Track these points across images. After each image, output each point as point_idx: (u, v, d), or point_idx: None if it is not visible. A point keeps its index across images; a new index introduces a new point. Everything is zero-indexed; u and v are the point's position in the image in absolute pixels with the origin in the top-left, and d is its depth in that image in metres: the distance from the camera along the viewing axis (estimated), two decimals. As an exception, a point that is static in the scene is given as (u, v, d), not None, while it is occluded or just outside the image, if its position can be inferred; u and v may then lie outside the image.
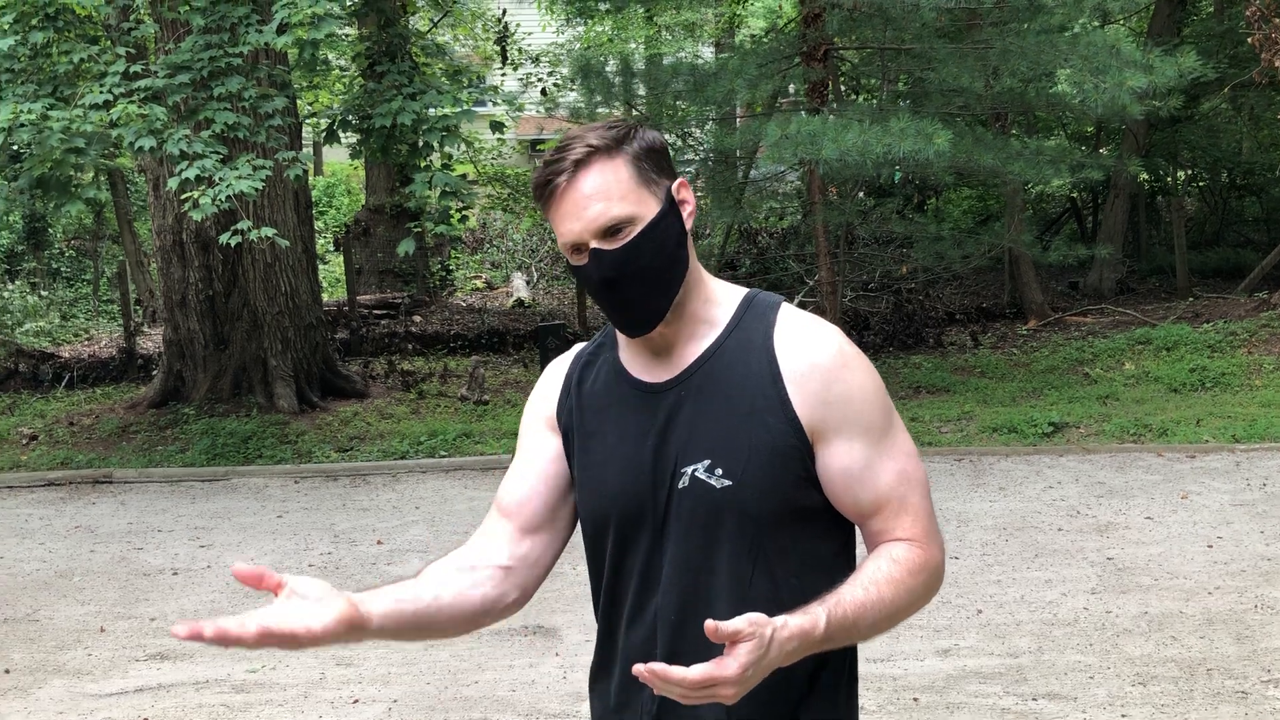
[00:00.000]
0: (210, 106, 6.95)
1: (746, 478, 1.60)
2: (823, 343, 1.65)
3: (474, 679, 4.82)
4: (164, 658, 5.17)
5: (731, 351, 1.65)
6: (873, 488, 1.63)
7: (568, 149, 1.60)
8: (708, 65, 10.02)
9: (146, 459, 8.83)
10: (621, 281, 1.59)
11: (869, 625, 1.57)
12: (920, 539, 1.64)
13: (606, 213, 1.58)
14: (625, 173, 1.59)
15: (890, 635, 5.03)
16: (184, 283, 10.18)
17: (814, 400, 1.61)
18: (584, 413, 1.73)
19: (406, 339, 12.81)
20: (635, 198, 1.59)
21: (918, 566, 1.62)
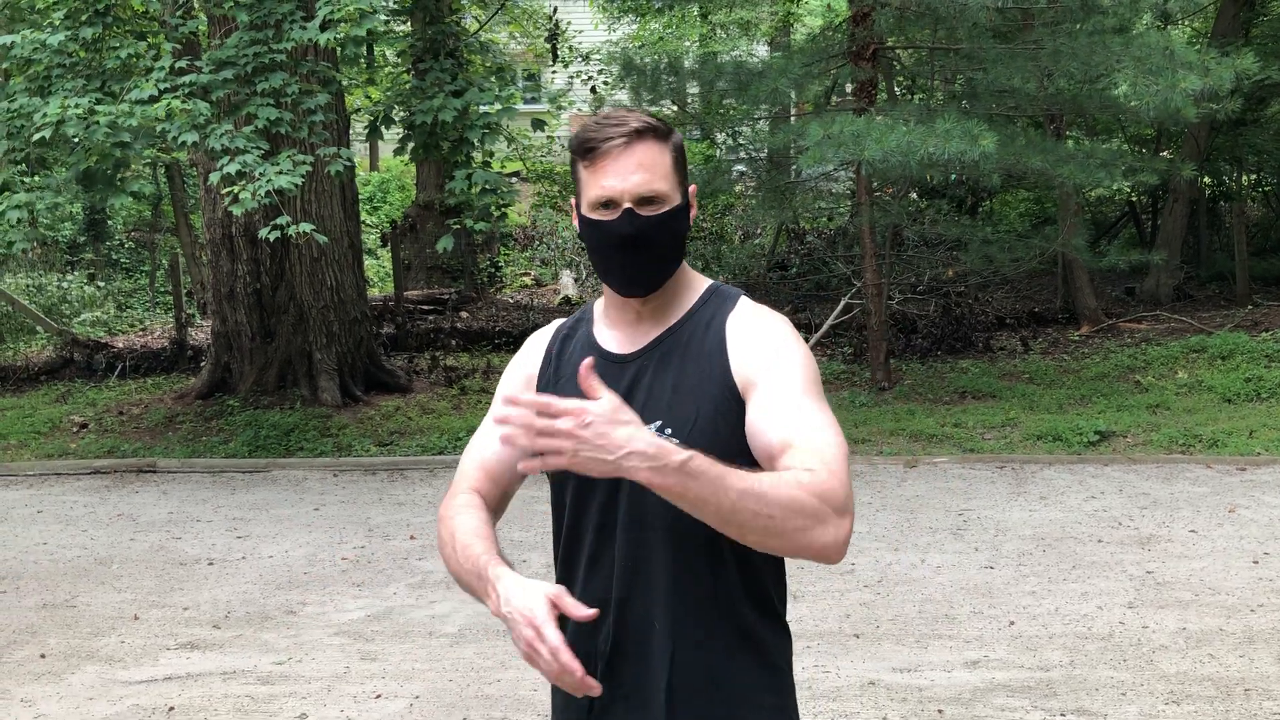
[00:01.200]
0: (253, 102, 7.03)
1: (692, 437, 1.73)
2: (767, 324, 1.84)
3: (497, 677, 4.82)
4: (194, 647, 5.23)
5: (690, 330, 1.86)
6: (783, 425, 1.71)
7: (625, 119, 1.80)
8: (754, 64, 9.94)
9: (190, 449, 8.96)
10: (640, 243, 1.79)
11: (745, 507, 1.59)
12: (832, 475, 1.66)
13: (650, 184, 1.79)
14: (668, 159, 1.82)
15: (918, 645, 4.98)
16: (232, 276, 10.32)
17: (746, 362, 1.79)
18: (559, 379, 1.92)
19: (451, 335, 12.88)
20: (670, 183, 1.82)
21: (809, 486, 1.62)
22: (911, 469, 8.14)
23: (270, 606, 5.74)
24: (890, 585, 5.79)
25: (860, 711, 4.45)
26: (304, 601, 5.80)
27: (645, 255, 1.81)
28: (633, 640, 1.82)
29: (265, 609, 5.70)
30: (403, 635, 5.32)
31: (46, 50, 6.80)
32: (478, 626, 5.37)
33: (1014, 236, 12.31)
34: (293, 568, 6.32)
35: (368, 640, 5.27)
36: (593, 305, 2.00)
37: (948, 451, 8.57)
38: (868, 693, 4.59)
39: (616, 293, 1.88)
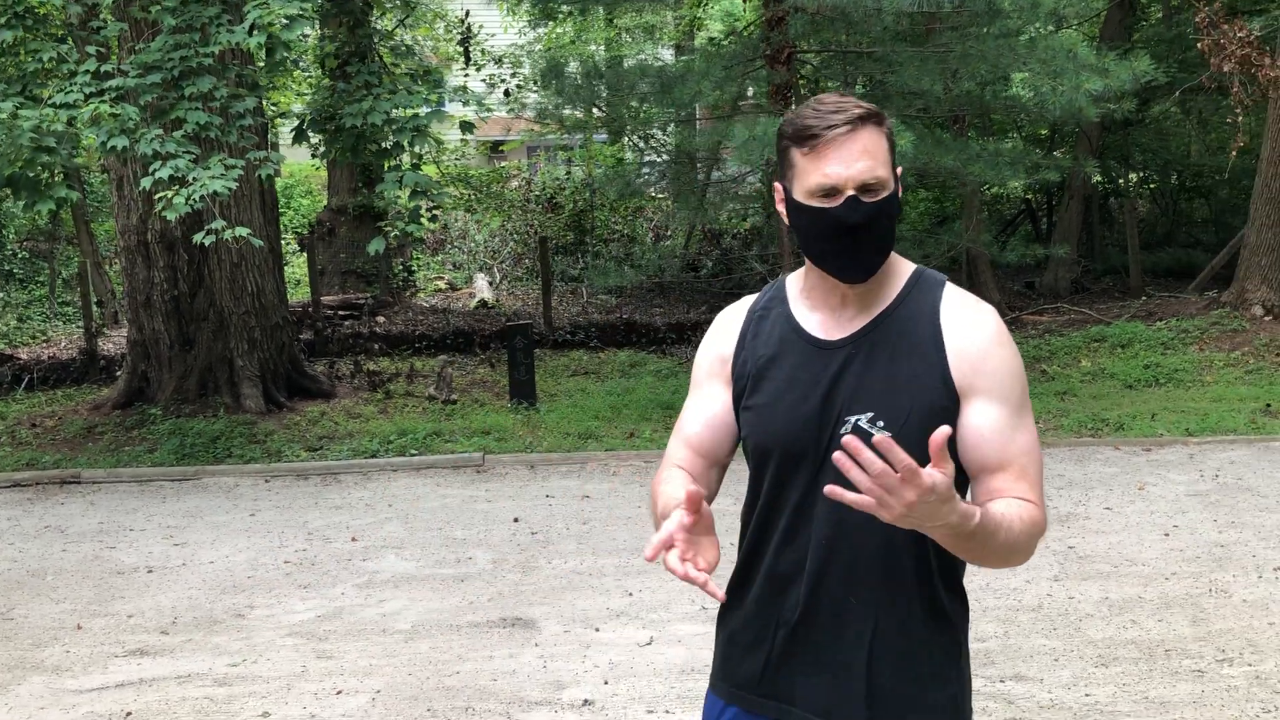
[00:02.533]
0: (181, 106, 6.95)
1: (905, 431, 1.77)
2: (982, 319, 1.86)
3: (455, 670, 4.89)
4: (144, 653, 5.19)
5: (902, 319, 1.87)
6: (1001, 448, 1.81)
7: (846, 106, 1.81)
8: (673, 68, 10.12)
9: (114, 459, 8.79)
10: (862, 230, 1.80)
11: (999, 543, 1.74)
12: (1036, 503, 1.82)
13: (872, 170, 1.80)
14: (885, 145, 1.83)
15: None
16: (149, 283, 10.13)
17: (968, 368, 1.83)
18: (758, 360, 1.94)
19: (372, 339, 12.81)
20: (888, 168, 1.83)
21: (1029, 520, 1.79)
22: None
23: (218, 610, 5.71)
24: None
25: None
26: (251, 605, 5.78)
27: (867, 241, 1.82)
28: (826, 613, 1.88)
29: (213, 613, 5.67)
30: (356, 634, 5.35)
31: (-37, 53, 6.64)
32: (430, 622, 5.44)
33: (922, 233, 12.73)
34: (235, 572, 6.28)
35: (321, 639, 5.29)
36: (784, 282, 2.01)
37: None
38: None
39: (836, 279, 1.86)
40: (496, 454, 8.68)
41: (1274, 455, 8.00)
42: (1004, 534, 1.73)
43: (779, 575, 1.91)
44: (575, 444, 8.95)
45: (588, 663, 4.91)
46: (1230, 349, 10.95)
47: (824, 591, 1.88)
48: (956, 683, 1.92)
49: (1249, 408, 9.19)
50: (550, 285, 14.02)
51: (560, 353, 12.79)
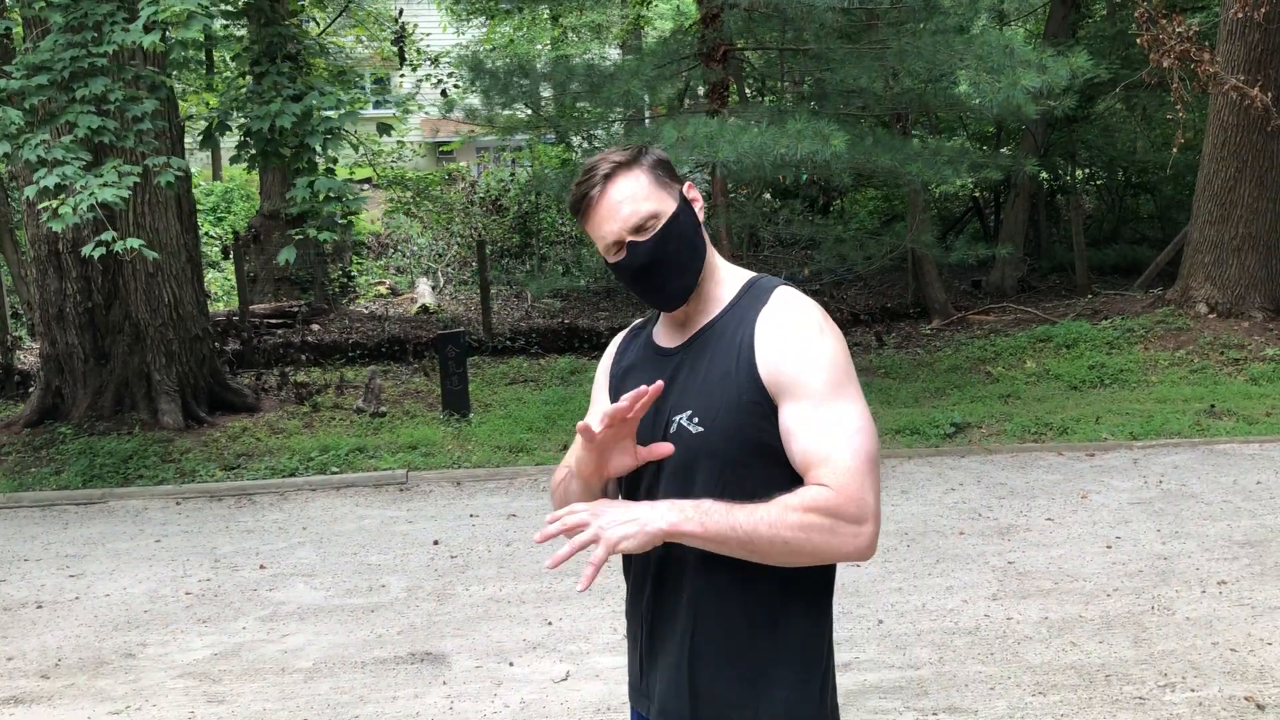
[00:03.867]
0: (72, 109, 6.54)
1: (715, 426, 1.87)
2: (792, 314, 1.89)
3: (355, 713, 4.56)
4: (18, 701, 4.80)
5: (725, 323, 1.94)
6: (808, 441, 1.81)
7: (594, 169, 1.91)
8: (606, 67, 9.82)
9: (16, 482, 8.34)
10: (654, 266, 1.90)
11: (767, 542, 1.76)
12: (843, 492, 1.77)
13: (636, 211, 1.89)
14: (645, 179, 1.92)
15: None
16: (61, 294, 9.67)
17: (773, 366, 1.85)
18: (623, 373, 2.10)
19: (302, 349, 12.40)
20: (657, 198, 1.91)
21: (813, 503, 1.76)
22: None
23: (106, 650, 5.33)
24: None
25: None
26: (144, 643, 5.40)
27: (665, 273, 1.91)
28: (665, 612, 1.97)
29: (101, 653, 5.29)
30: (253, 673, 5.00)
31: None
32: (334, 659, 5.10)
33: (866, 234, 12.52)
34: (132, 606, 5.90)
35: (215, 681, 4.93)
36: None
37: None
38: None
39: (663, 312, 2.02)
40: (421, 470, 8.33)
41: (1217, 459, 7.84)
42: (768, 534, 1.74)
43: (636, 576, 2.02)
44: (505, 458, 8.62)
45: (498, 702, 4.60)
46: (1175, 348, 10.83)
47: (663, 592, 1.95)
48: (790, 686, 1.89)
49: (1193, 409, 9.04)
50: (489, 290, 13.67)
51: (499, 360, 12.46)
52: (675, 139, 7.56)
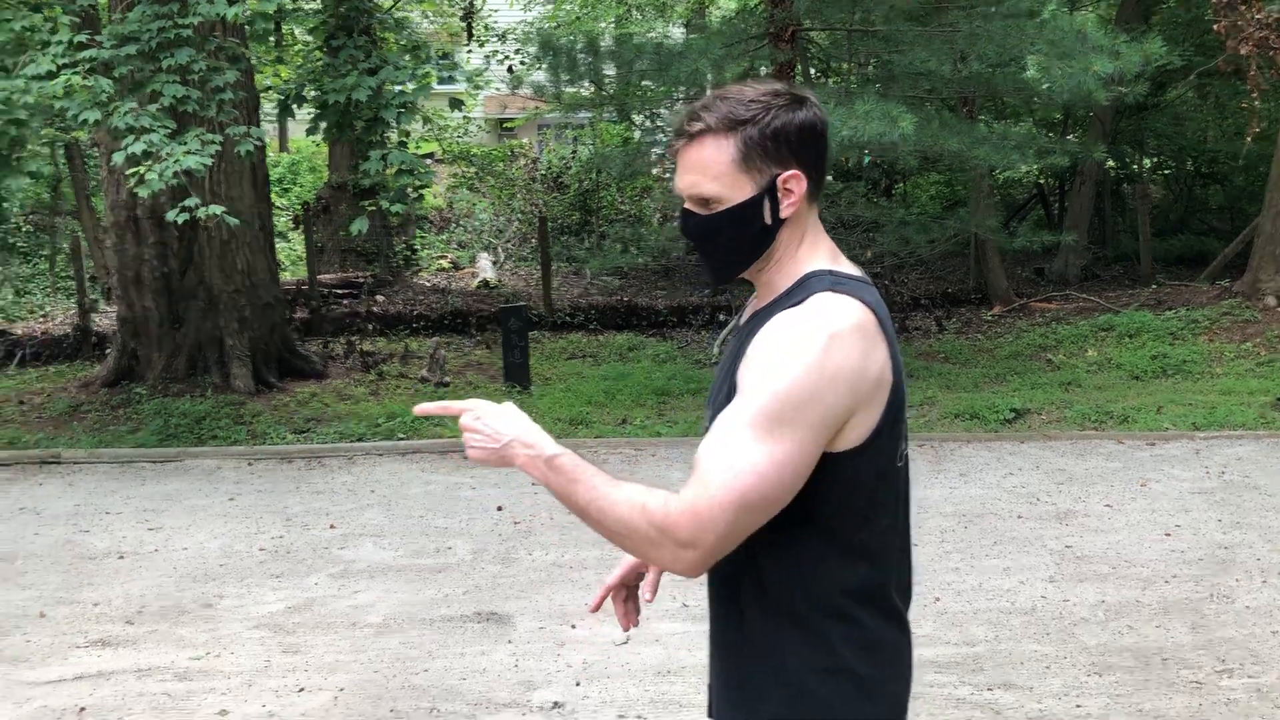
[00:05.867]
0: (158, 79, 6.74)
1: (713, 409, 1.83)
2: (787, 326, 1.71)
3: (424, 667, 4.73)
4: (106, 644, 5.03)
5: (767, 313, 1.79)
6: (705, 443, 1.71)
7: (694, 117, 1.77)
8: (674, 45, 9.87)
9: (97, 439, 8.64)
10: (700, 244, 1.83)
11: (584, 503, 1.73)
12: (684, 508, 1.66)
13: (696, 187, 1.77)
14: (729, 154, 1.74)
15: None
16: (138, 260, 9.96)
17: (745, 363, 1.75)
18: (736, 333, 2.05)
19: (367, 319, 12.64)
20: (729, 180, 1.75)
21: (656, 516, 1.67)
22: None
23: (185, 600, 5.55)
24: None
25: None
26: (221, 594, 5.62)
27: (708, 253, 1.84)
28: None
29: (180, 602, 5.52)
30: (325, 627, 5.19)
31: (-66, 22, 6.46)
32: (403, 616, 5.27)
33: (929, 218, 12.48)
34: (208, 560, 6.13)
35: (289, 633, 5.13)
36: None
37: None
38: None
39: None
40: (485, 439, 8.50)
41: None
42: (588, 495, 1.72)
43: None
44: (566, 430, 8.76)
45: (560, 662, 4.74)
46: (1241, 340, 10.69)
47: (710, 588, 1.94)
48: (779, 704, 1.78)
49: (1259, 401, 8.95)
50: (550, 266, 13.81)
51: (559, 335, 12.61)
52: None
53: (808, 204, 1.80)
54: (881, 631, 1.80)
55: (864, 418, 1.70)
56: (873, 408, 1.71)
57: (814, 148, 1.77)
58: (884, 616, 1.80)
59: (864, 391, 1.69)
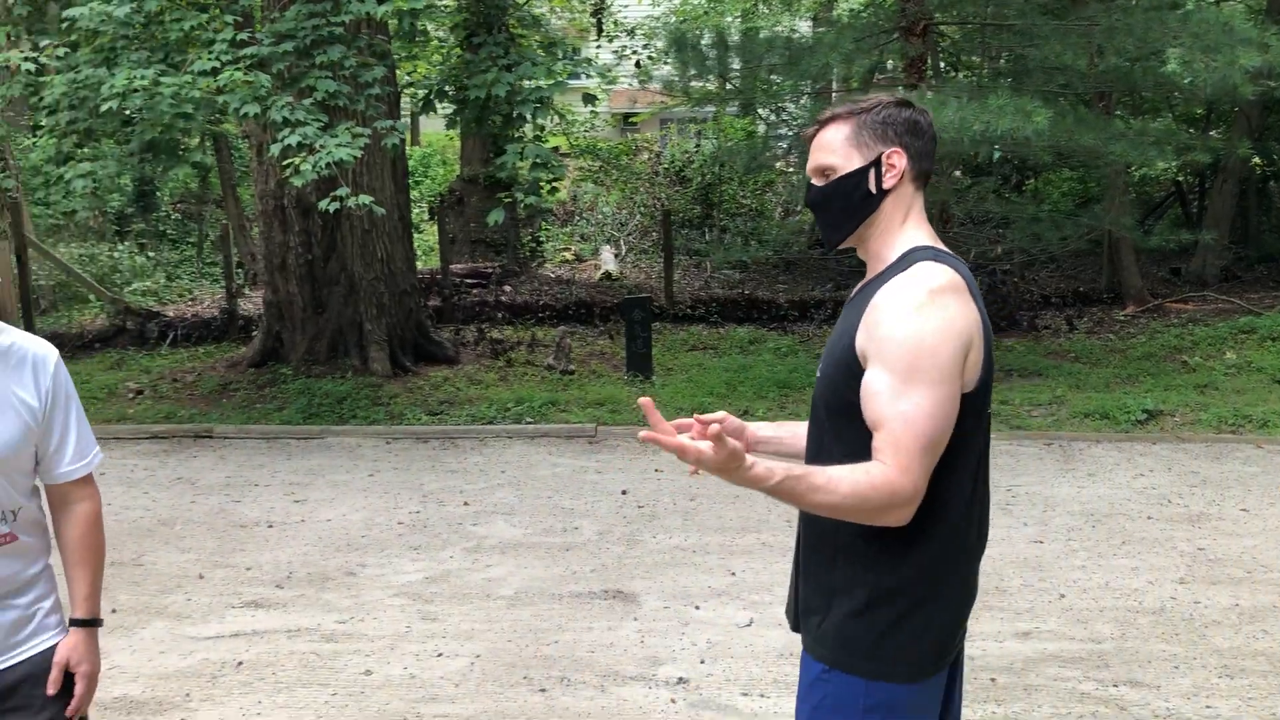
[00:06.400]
0: (312, 75, 7.11)
1: (824, 375, 2.11)
2: (899, 289, 1.99)
3: (554, 639, 4.93)
4: (258, 605, 5.37)
5: (875, 283, 2.08)
6: (876, 412, 1.96)
7: (828, 112, 2.15)
8: (803, 39, 9.91)
9: (245, 416, 9.13)
10: (817, 209, 2.16)
11: (817, 503, 1.94)
12: (895, 468, 1.92)
13: (818, 160, 2.14)
14: (846, 132, 2.10)
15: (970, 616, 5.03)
16: (284, 247, 10.45)
17: (866, 333, 2.01)
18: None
19: (496, 308, 13.00)
20: (843, 153, 2.10)
21: (872, 483, 1.92)
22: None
23: (330, 568, 5.88)
24: (940, 557, 5.84)
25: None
26: (363, 563, 5.93)
27: (823, 218, 2.15)
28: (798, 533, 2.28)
29: (325, 570, 5.84)
30: (460, 597, 5.44)
31: (112, 22, 6.93)
32: (533, 590, 5.49)
33: (1061, 215, 12.23)
34: (350, 531, 6.46)
35: (427, 601, 5.39)
36: None
37: (994, 428, 8.57)
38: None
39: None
40: (609, 425, 8.72)
41: None
42: (817, 498, 1.91)
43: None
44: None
45: (685, 640, 4.89)
46: (1394, 345, 10.23)
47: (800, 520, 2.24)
48: (826, 614, 2.11)
49: None
50: (673, 259, 13.97)
51: (680, 327, 12.76)
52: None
53: (913, 188, 2.12)
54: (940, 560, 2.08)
55: (971, 364, 1.98)
56: (973, 356, 1.98)
57: (918, 138, 2.11)
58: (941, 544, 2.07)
59: (968, 337, 1.96)
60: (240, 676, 4.62)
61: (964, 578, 2.12)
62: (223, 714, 4.30)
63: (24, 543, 2.30)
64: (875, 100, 2.11)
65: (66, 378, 2.37)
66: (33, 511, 2.33)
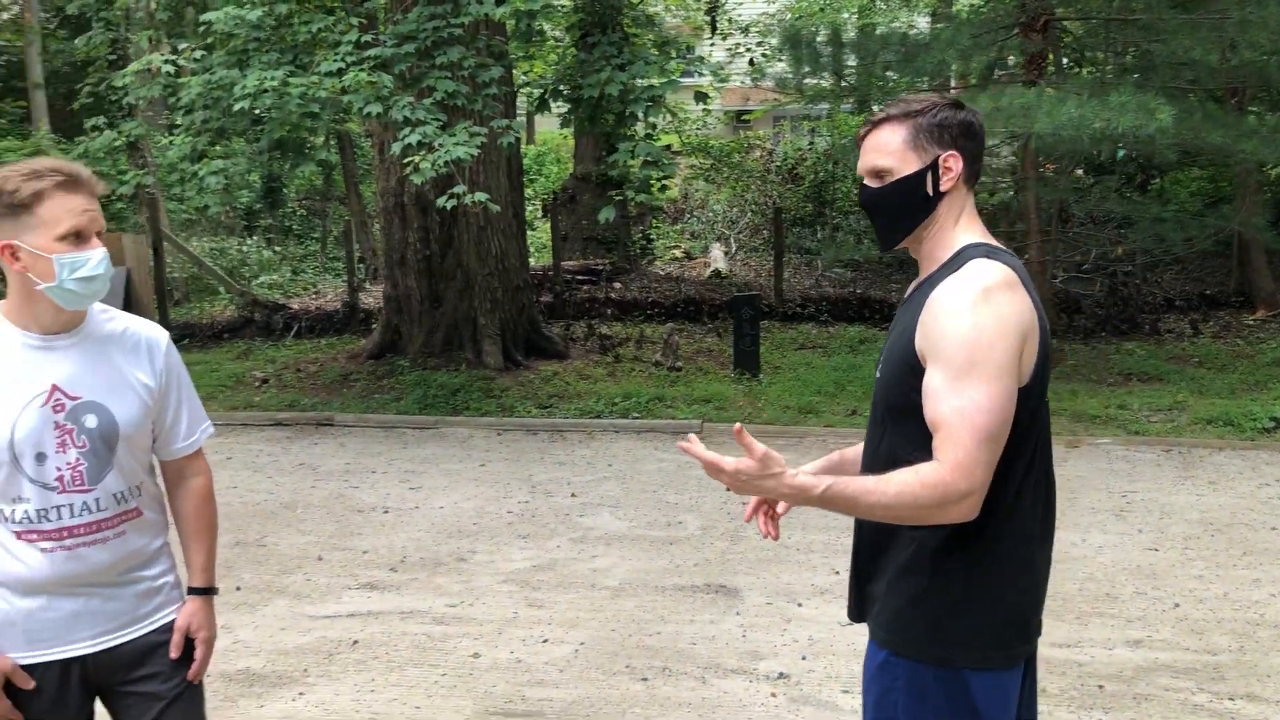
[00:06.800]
0: (432, 75, 7.32)
1: (884, 375, 2.14)
2: (953, 287, 2.01)
3: (656, 630, 5.00)
4: (374, 588, 5.58)
5: (929, 284, 2.10)
6: (934, 410, 1.98)
7: (881, 113, 2.15)
8: (920, 36, 9.79)
9: (364, 405, 9.44)
10: (871, 211, 2.17)
11: (866, 507, 1.99)
12: (948, 465, 1.94)
13: (873, 161, 2.14)
14: (901, 135, 2.11)
15: (1078, 622, 4.95)
16: (404, 243, 10.77)
17: (923, 331, 2.03)
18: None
19: (606, 304, 13.15)
20: (899, 156, 2.11)
21: (931, 482, 1.94)
22: (1073, 449, 7.99)
23: (442, 553, 6.06)
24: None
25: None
26: (473, 550, 6.10)
27: (876, 219, 2.18)
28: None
29: (438, 555, 6.03)
30: (566, 585, 5.56)
31: (244, 25, 7.25)
32: (637, 582, 5.58)
33: (1187, 215, 11.83)
34: (462, 518, 6.65)
35: (534, 588, 5.53)
36: None
37: (1111, 433, 8.37)
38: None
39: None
40: (715, 422, 8.76)
41: None
42: (868, 500, 1.96)
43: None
44: (795, 418, 8.91)
45: (787, 636, 4.92)
46: None
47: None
48: (886, 600, 2.15)
49: None
50: (783, 257, 13.94)
51: (789, 325, 12.73)
52: (990, 109, 7.52)
53: (965, 189, 2.14)
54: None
55: (1026, 357, 1.98)
56: (1029, 348, 1.98)
57: (971, 140, 2.12)
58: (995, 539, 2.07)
59: (1024, 331, 1.96)
60: (355, 655, 4.81)
61: (1025, 567, 2.10)
62: (337, 690, 4.48)
63: (147, 518, 2.42)
64: (929, 101, 2.11)
65: (177, 358, 2.49)
66: (152, 487, 2.46)
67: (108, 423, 2.30)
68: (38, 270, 2.19)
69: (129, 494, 2.36)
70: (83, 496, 2.28)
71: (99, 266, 2.21)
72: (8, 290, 2.28)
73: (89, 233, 2.21)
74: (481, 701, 4.35)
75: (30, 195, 2.15)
